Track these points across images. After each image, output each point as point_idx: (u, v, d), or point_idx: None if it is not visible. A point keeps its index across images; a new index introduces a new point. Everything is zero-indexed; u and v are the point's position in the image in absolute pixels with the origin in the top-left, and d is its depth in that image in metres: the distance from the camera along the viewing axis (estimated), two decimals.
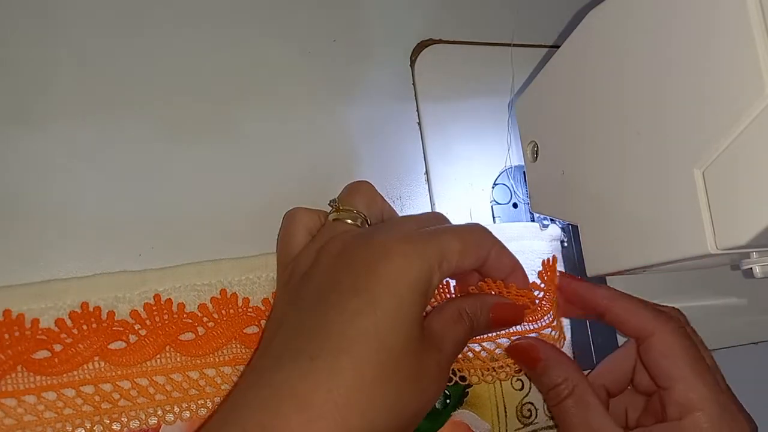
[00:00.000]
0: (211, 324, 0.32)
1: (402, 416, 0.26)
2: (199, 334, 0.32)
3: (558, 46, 0.35)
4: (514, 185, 0.41)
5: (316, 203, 0.37)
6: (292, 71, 0.39)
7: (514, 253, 0.33)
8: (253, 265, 0.34)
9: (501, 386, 0.36)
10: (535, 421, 0.36)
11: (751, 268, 0.28)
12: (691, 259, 0.28)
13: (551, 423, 0.36)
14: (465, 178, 0.41)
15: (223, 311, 0.33)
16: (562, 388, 0.32)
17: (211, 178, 0.36)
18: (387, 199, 0.37)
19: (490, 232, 0.31)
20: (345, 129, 0.39)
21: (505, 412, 0.36)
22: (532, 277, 0.34)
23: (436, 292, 0.32)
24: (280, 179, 0.37)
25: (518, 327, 0.35)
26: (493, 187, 0.41)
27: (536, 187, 0.38)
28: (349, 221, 0.32)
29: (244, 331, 0.33)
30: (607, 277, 0.41)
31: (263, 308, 0.33)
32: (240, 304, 0.33)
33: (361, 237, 0.29)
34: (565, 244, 0.41)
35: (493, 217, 0.41)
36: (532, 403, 0.36)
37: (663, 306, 0.34)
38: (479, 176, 0.41)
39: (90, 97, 0.35)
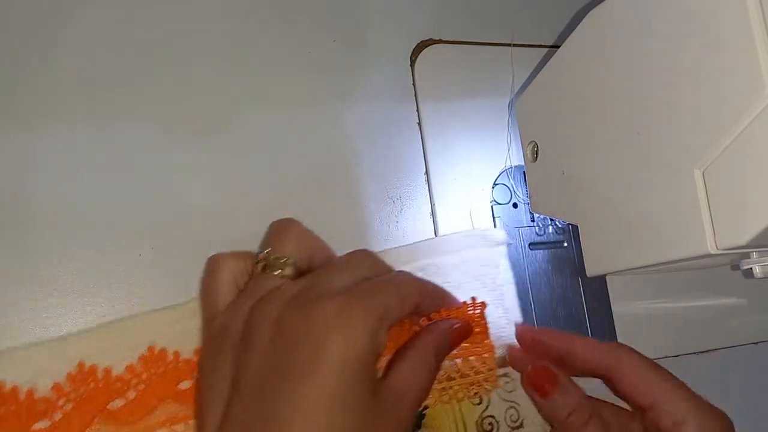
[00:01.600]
0: (141, 386, 0.30)
1: None
2: (130, 398, 0.30)
3: (558, 46, 0.35)
4: (514, 185, 0.41)
5: (317, 203, 0.37)
6: (292, 71, 0.39)
7: (455, 265, 0.34)
8: (180, 315, 0.32)
9: (459, 404, 0.35)
10: None
11: (751, 268, 0.28)
12: (691, 259, 0.28)
13: None
14: (465, 178, 0.41)
15: (152, 369, 0.31)
16: (581, 413, 0.31)
17: (211, 178, 0.36)
18: (387, 199, 0.37)
19: (418, 278, 0.31)
20: (345, 129, 0.39)
21: (465, 428, 0.35)
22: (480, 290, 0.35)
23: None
24: (280, 179, 0.37)
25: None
26: (493, 187, 0.41)
27: (536, 187, 0.38)
28: (279, 272, 0.30)
29: (178, 387, 0.31)
30: (607, 277, 0.41)
31: (195, 359, 0.31)
32: (170, 359, 0.31)
33: (299, 307, 0.27)
34: (565, 245, 0.41)
35: (493, 217, 0.41)
36: (492, 416, 0.35)
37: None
38: (479, 176, 0.41)
39: (90, 97, 0.35)
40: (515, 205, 0.41)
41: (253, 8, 0.39)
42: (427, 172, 0.40)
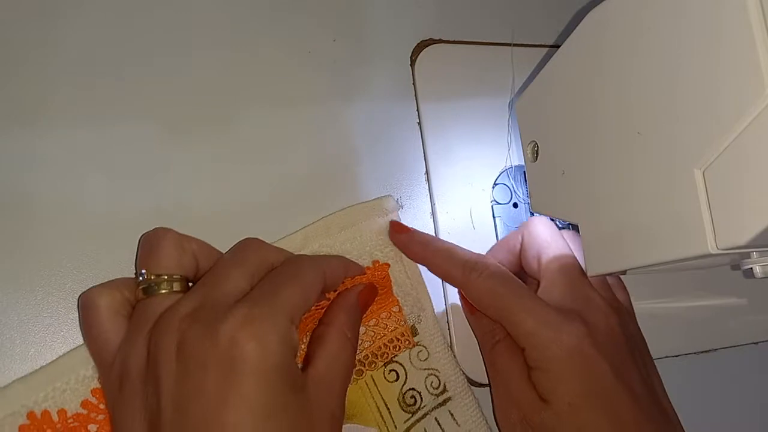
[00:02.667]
0: None
1: None
2: None
3: (558, 46, 0.35)
4: (514, 185, 0.41)
5: (317, 203, 0.37)
6: (292, 71, 0.39)
7: (350, 239, 0.35)
8: (56, 373, 0.29)
9: (375, 385, 0.34)
10: (422, 405, 0.35)
11: (751, 268, 0.28)
12: (691, 259, 0.28)
13: (439, 400, 0.35)
14: (465, 178, 0.41)
15: None
16: (499, 332, 0.35)
17: (211, 178, 0.36)
18: None
19: (316, 260, 0.30)
20: (345, 129, 0.39)
21: (388, 408, 0.34)
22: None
23: None
24: (280, 179, 0.37)
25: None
26: (493, 187, 0.41)
27: (536, 187, 0.38)
28: (164, 291, 0.28)
29: None
30: (607, 277, 0.41)
31: (86, 412, 0.29)
32: (57, 420, 0.29)
33: (200, 326, 0.25)
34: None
35: (494, 216, 0.41)
36: (413, 389, 0.35)
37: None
38: (479, 176, 0.41)
39: (90, 96, 0.35)
40: (515, 205, 0.41)
41: (253, 8, 0.39)
42: (427, 172, 0.40)
